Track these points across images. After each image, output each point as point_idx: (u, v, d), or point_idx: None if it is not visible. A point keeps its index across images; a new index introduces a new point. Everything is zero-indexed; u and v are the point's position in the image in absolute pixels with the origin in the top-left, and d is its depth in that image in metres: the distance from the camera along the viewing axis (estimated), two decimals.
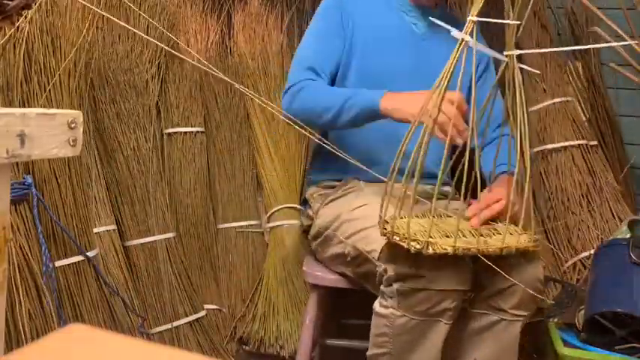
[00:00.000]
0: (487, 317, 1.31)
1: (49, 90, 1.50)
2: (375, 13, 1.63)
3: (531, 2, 1.23)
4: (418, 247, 1.15)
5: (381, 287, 1.28)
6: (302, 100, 1.51)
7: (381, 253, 1.28)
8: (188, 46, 2.12)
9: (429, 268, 1.22)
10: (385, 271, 1.26)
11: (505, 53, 1.19)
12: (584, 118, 2.17)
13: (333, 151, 1.33)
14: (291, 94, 1.52)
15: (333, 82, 1.62)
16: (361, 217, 1.40)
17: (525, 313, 1.31)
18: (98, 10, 1.63)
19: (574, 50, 2.25)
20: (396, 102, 1.36)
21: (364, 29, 1.60)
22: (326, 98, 1.48)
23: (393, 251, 1.25)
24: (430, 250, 1.15)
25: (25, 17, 1.44)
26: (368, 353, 1.34)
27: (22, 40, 1.45)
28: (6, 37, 1.41)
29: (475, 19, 1.16)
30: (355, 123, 1.47)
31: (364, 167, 1.33)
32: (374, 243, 1.30)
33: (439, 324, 1.25)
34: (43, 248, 1.38)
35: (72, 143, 0.82)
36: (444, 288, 1.22)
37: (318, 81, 1.54)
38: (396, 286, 1.24)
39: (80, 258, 1.53)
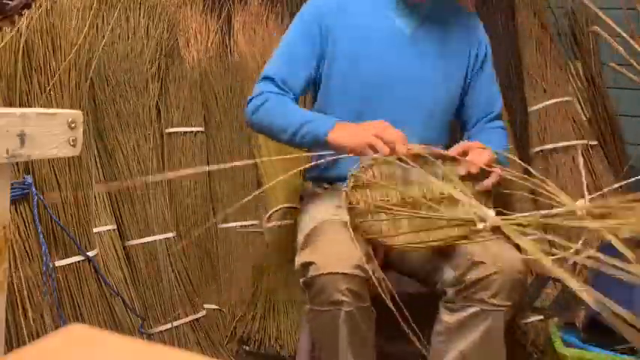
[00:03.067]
0: (468, 309, 1.31)
1: (49, 90, 1.50)
2: (360, 16, 1.55)
3: None
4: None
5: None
6: (262, 114, 1.51)
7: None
8: (188, 46, 2.12)
9: (320, 253, 1.27)
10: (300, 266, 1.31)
11: None
12: (584, 118, 2.17)
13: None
14: (254, 105, 1.52)
15: (315, 87, 1.61)
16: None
17: (507, 303, 1.29)
18: None
19: (574, 50, 2.26)
20: (341, 136, 1.39)
21: (347, 36, 1.53)
22: (284, 118, 1.48)
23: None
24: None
25: (26, 17, 1.44)
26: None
27: (22, 40, 1.45)
28: (6, 37, 1.41)
29: None
30: (310, 148, 1.52)
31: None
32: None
33: (340, 312, 1.24)
34: (43, 248, 1.38)
35: (72, 143, 0.82)
36: (332, 271, 1.23)
37: (283, 96, 1.53)
38: (302, 279, 1.29)
39: (80, 258, 1.54)
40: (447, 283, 1.34)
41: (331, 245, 1.30)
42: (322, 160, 1.34)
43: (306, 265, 1.28)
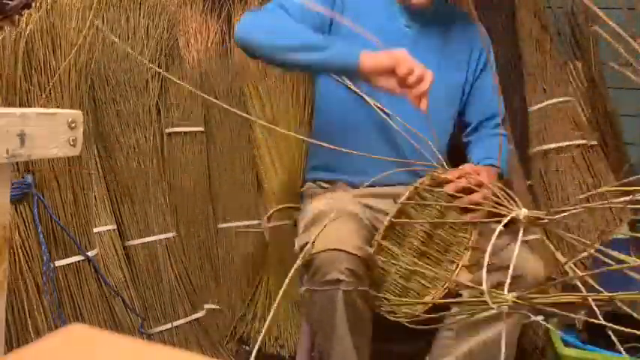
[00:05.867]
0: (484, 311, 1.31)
1: (49, 90, 1.50)
2: (364, 15, 1.54)
3: None
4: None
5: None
6: (253, 27, 1.34)
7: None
8: (188, 46, 2.12)
9: (321, 233, 1.26)
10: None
11: None
12: (584, 118, 2.17)
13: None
14: (251, 15, 1.37)
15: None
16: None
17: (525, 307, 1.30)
18: None
19: (574, 50, 2.25)
20: (378, 59, 1.28)
21: (351, 32, 1.51)
22: (292, 34, 1.31)
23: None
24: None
25: (26, 17, 1.44)
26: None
27: (22, 40, 1.45)
28: (6, 37, 1.41)
29: None
30: (324, 66, 1.34)
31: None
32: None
33: (338, 292, 1.23)
34: (43, 248, 1.38)
35: (72, 143, 0.82)
36: (331, 247, 1.22)
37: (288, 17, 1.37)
38: (299, 262, 1.26)
39: (80, 258, 1.54)
40: (462, 286, 1.33)
41: (332, 226, 1.29)
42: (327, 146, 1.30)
43: (304, 246, 1.28)
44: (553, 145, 2.08)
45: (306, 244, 1.28)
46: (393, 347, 1.68)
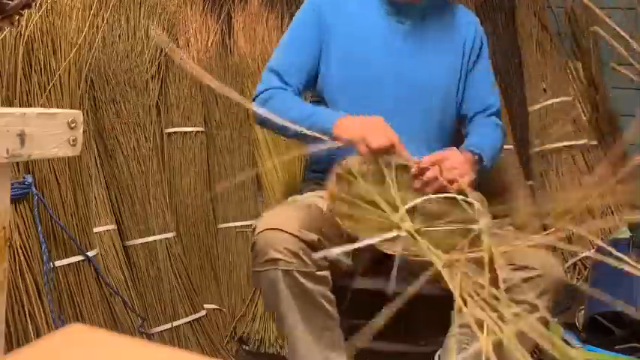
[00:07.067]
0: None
1: (49, 90, 1.50)
2: (356, 14, 1.57)
3: None
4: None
5: None
6: (270, 108, 1.48)
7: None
8: (188, 46, 2.12)
9: (268, 216, 1.29)
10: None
11: None
12: (584, 118, 2.17)
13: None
14: (261, 101, 1.54)
15: (312, 84, 1.61)
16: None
17: (548, 305, 1.29)
18: None
19: (574, 50, 2.25)
20: (344, 127, 1.38)
21: (344, 32, 1.55)
22: (288, 114, 1.42)
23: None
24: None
25: (25, 17, 1.44)
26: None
27: (22, 40, 1.45)
28: (6, 37, 1.41)
29: None
30: (314, 142, 1.44)
31: None
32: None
33: (277, 272, 1.24)
34: (43, 248, 1.38)
35: (72, 143, 0.82)
36: (270, 227, 1.24)
37: (285, 91, 1.53)
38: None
39: (80, 258, 1.54)
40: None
41: (279, 210, 1.34)
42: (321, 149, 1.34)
43: (254, 231, 1.30)
44: (553, 145, 2.08)
45: (255, 228, 1.30)
46: (391, 347, 1.68)
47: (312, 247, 1.27)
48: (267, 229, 1.25)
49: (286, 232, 1.24)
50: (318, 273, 1.28)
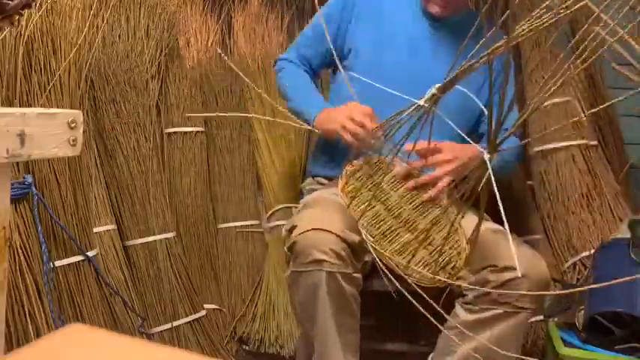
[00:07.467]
0: (490, 311, 1.30)
1: (49, 90, 1.50)
2: (386, 11, 1.63)
3: None
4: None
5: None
6: (279, 79, 1.71)
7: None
8: (188, 46, 2.12)
9: (306, 216, 1.30)
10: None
11: None
12: (584, 118, 2.17)
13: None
14: (278, 66, 1.73)
15: (327, 63, 1.73)
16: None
17: (533, 306, 1.29)
18: None
19: (574, 50, 2.25)
20: (321, 121, 1.48)
21: (372, 27, 1.60)
22: (292, 90, 1.64)
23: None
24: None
25: (25, 17, 1.44)
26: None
27: (22, 40, 1.45)
28: (7, 38, 1.41)
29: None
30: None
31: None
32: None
33: (322, 273, 1.23)
34: (43, 248, 1.38)
35: (72, 143, 0.82)
36: (315, 227, 1.24)
37: (298, 67, 1.69)
38: (287, 244, 1.30)
39: (80, 258, 1.54)
40: (466, 287, 1.32)
41: (318, 210, 1.32)
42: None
43: (291, 230, 1.29)
44: (553, 145, 2.08)
45: (292, 227, 1.28)
46: (391, 347, 1.68)
47: (353, 248, 1.27)
48: (310, 230, 1.24)
49: (332, 232, 1.23)
50: (355, 274, 1.28)
